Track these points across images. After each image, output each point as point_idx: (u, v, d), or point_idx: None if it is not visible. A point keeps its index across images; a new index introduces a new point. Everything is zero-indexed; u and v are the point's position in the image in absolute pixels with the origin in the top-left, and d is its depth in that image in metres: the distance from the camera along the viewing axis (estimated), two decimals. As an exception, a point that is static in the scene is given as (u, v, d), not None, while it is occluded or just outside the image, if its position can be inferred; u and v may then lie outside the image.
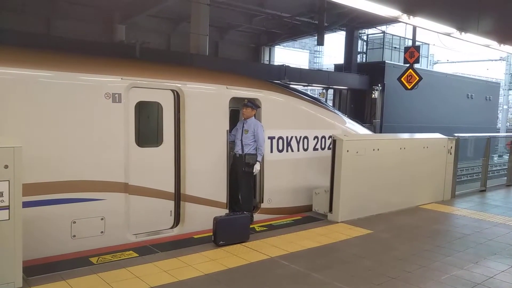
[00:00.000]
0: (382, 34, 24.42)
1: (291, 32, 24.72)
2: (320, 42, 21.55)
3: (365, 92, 23.03)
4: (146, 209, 5.82)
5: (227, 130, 6.53)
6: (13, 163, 3.85)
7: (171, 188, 6.05)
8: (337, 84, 22.55)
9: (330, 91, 25.31)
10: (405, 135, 9.10)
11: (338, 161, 6.76)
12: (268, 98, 7.09)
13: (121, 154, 5.51)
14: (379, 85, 22.18)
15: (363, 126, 10.09)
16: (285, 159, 7.33)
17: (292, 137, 7.42)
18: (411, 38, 16.12)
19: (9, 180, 3.85)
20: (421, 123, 22.59)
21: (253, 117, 6.73)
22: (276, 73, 19.31)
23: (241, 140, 6.58)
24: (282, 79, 19.44)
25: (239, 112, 7.05)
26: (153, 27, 21.55)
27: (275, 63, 25.86)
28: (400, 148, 7.65)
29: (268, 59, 27.61)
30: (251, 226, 6.34)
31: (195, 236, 5.82)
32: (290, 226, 6.54)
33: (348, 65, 23.10)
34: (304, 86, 22.36)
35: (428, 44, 26.76)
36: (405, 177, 7.79)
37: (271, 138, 7.13)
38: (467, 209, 8.07)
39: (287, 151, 7.37)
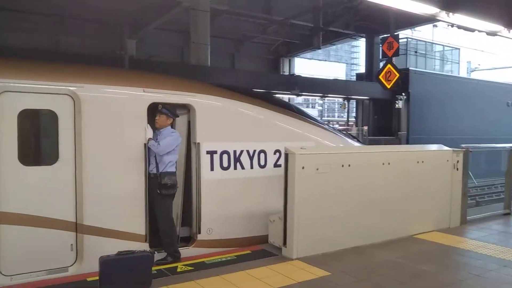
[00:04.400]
0: (405, 40, 22.53)
1: (306, 40, 23.35)
2: (317, 45, 20.16)
3: (390, 102, 21.18)
4: (33, 243, 4.61)
5: (144, 144, 5.25)
6: None
7: (70, 217, 4.83)
8: (357, 94, 20.84)
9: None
10: (390, 147, 7.46)
11: (291, 180, 5.32)
12: (203, 104, 5.78)
13: None
14: (403, 94, 20.29)
15: (358, 141, 8.53)
16: (232, 178, 5.95)
17: (242, 151, 6.04)
18: (439, 42, 14.40)
19: None
20: (453, 135, 20.37)
21: (169, 127, 5.44)
22: (285, 83, 17.99)
23: (155, 156, 5.26)
24: (292, 89, 18.10)
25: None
26: (164, 41, 20.95)
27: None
28: (383, 164, 6.07)
29: (288, 71, 26.28)
30: (175, 264, 5.03)
31: (89, 279, 4.53)
32: (228, 264, 5.13)
33: (369, 73, 21.36)
34: (320, 97, 20.88)
35: (459, 48, 24.52)
36: (392, 198, 6.19)
37: (211, 153, 5.78)
38: (477, 239, 6.32)
39: (235, 168, 5.98)
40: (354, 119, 23.21)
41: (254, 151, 6.15)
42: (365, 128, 21.16)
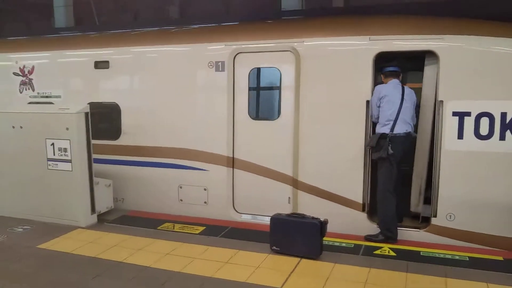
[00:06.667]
0: None
1: None
2: None
3: None
4: (259, 189, 5.18)
5: (367, 101, 4.59)
6: (73, 126, 4.73)
7: (288, 171, 5.03)
8: None
9: None
10: None
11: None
12: (453, 49, 4.29)
13: (225, 126, 5.18)
14: None
15: None
16: (493, 152, 4.21)
17: None
18: None
19: (70, 139, 4.77)
20: None
21: (390, 82, 4.52)
22: None
23: None
24: None
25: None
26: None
27: None
28: None
29: None
30: (383, 244, 4.41)
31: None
32: (445, 263, 3.95)
33: None
34: None
35: None
36: None
37: (461, 115, 4.29)
38: None
39: (502, 138, 4.18)
40: None
41: None
42: None
